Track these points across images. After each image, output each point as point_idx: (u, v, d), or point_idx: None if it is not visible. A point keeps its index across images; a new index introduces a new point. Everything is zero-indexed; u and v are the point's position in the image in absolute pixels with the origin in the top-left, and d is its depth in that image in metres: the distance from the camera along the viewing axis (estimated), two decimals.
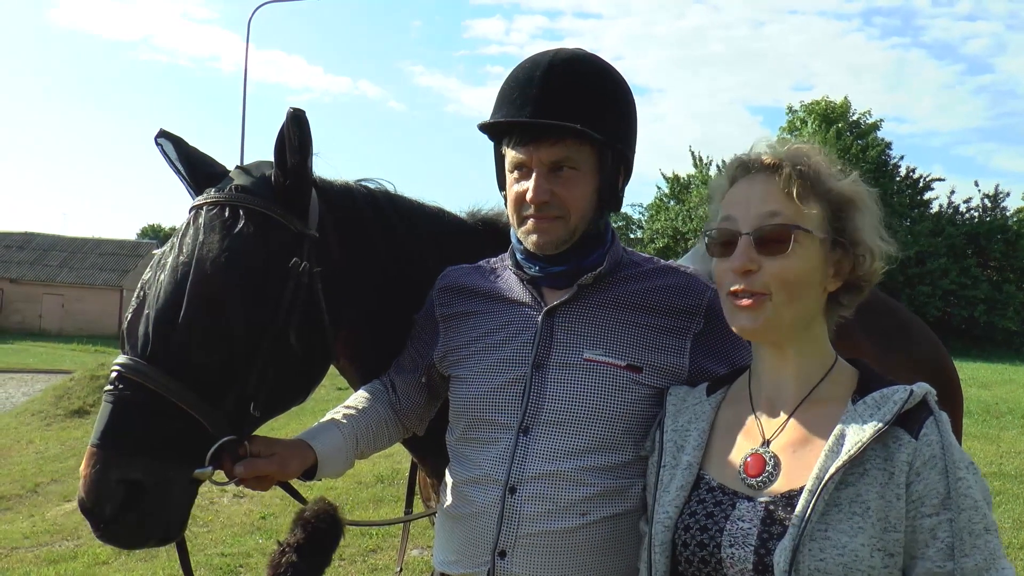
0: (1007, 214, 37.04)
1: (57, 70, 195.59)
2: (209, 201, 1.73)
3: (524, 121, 1.69)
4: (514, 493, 1.65)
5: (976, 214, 37.10)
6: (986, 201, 37.20)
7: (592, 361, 1.70)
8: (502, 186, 1.83)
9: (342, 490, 7.43)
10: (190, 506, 1.69)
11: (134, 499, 1.57)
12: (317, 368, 1.84)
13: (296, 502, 2.05)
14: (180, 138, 1.83)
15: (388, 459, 7.97)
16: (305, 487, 1.99)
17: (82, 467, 1.58)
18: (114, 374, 1.61)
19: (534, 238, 1.73)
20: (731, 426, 1.52)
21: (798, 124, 37.76)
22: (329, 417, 1.86)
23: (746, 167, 1.50)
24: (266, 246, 1.69)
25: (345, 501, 7.25)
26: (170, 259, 1.68)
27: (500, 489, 1.67)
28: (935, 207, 37.40)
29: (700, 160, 38.85)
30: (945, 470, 1.29)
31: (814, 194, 1.43)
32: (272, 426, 1.79)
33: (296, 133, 1.69)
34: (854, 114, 37.17)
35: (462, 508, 1.75)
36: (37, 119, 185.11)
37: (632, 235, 41.11)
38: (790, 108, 39.42)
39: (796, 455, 1.41)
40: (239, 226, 1.68)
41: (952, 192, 38.68)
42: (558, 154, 1.68)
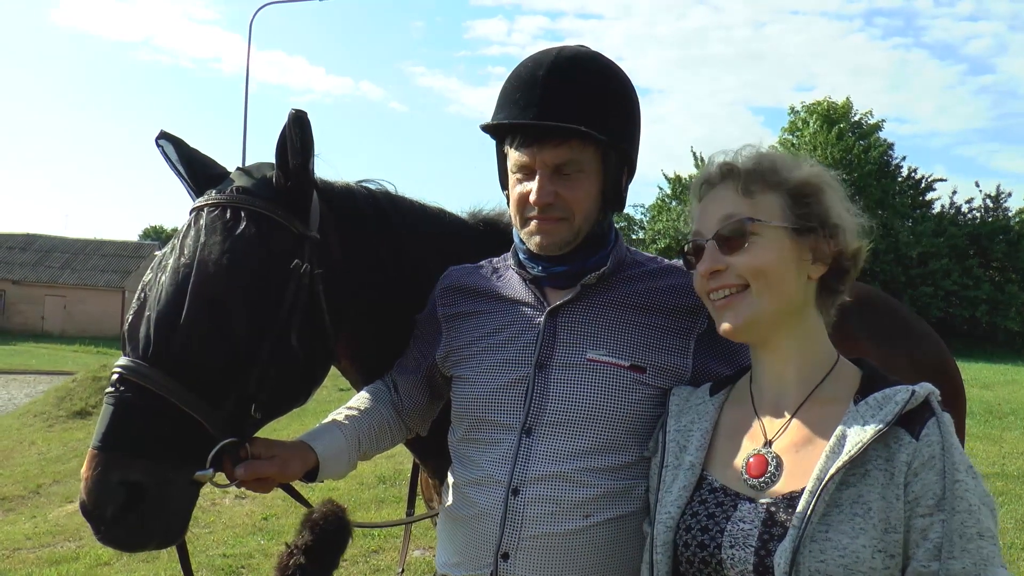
0: (1009, 214, 37.03)
1: (58, 71, 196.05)
2: (210, 203, 1.73)
3: (529, 124, 1.68)
4: (517, 495, 1.65)
5: (978, 215, 37.10)
6: (988, 201, 37.21)
7: (595, 361, 1.69)
8: (504, 185, 1.83)
9: (344, 491, 7.43)
10: (191, 508, 1.69)
11: (135, 501, 1.57)
12: (318, 369, 1.84)
13: (299, 503, 2.05)
14: (181, 139, 1.83)
15: (390, 460, 7.97)
16: (307, 489, 1.98)
17: (83, 469, 1.58)
18: (115, 376, 1.61)
19: (537, 239, 1.73)
20: (734, 427, 1.52)
21: (800, 125, 37.79)
22: (331, 419, 1.86)
23: (708, 182, 1.55)
24: (268, 248, 1.69)
25: (347, 502, 7.24)
26: (171, 261, 1.68)
27: (503, 491, 1.66)
28: (937, 208, 37.41)
29: (702, 160, 38.73)
30: (943, 471, 1.29)
31: (768, 186, 1.48)
32: (274, 427, 1.79)
33: (298, 135, 1.70)
34: (856, 115, 37.19)
35: (464, 510, 1.75)
36: (38, 120, 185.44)
37: (634, 236, 41.07)
38: (792, 109, 39.48)
39: (798, 456, 1.41)
40: (241, 228, 1.68)
41: (954, 193, 38.77)
42: (562, 156, 1.68)
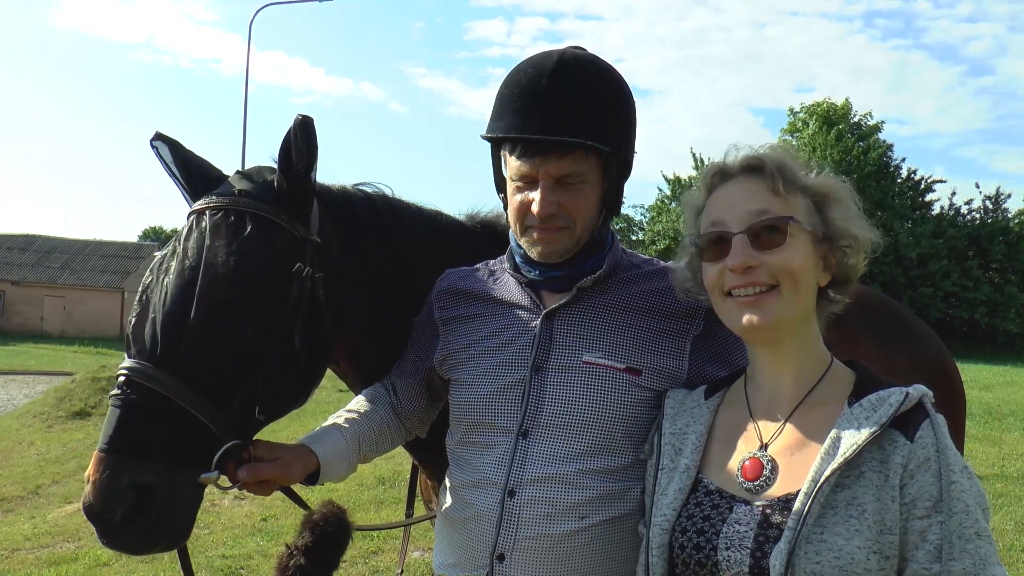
0: (1008, 216, 37.07)
1: (58, 71, 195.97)
2: (212, 206, 1.72)
3: (535, 138, 1.66)
4: (513, 496, 1.65)
5: (978, 216, 37.13)
6: (987, 203, 37.25)
7: (591, 364, 1.69)
8: (500, 188, 1.83)
9: (343, 492, 7.42)
10: (196, 511, 1.69)
11: (144, 504, 1.57)
12: (318, 371, 1.85)
13: (298, 505, 2.05)
14: (176, 141, 1.83)
15: (389, 461, 7.97)
16: (306, 491, 1.98)
17: (89, 472, 1.57)
18: (121, 378, 1.60)
19: (539, 249, 1.72)
20: (729, 429, 1.52)
21: (799, 126, 37.84)
22: (331, 421, 1.86)
23: (724, 173, 1.51)
24: (272, 251, 1.69)
25: (346, 503, 7.21)
26: (174, 263, 1.68)
27: (499, 492, 1.66)
28: (936, 209, 37.44)
29: (702, 162, 38.80)
30: (939, 473, 1.29)
31: (796, 189, 1.46)
32: (273, 428, 1.79)
33: (303, 140, 1.70)
34: (855, 116, 37.23)
35: (461, 511, 1.75)
36: (38, 121, 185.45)
37: (633, 237, 41.12)
38: (791, 110, 39.53)
39: (793, 458, 1.41)
40: (245, 231, 1.68)
41: (953, 194, 38.70)
42: (566, 168, 1.67)
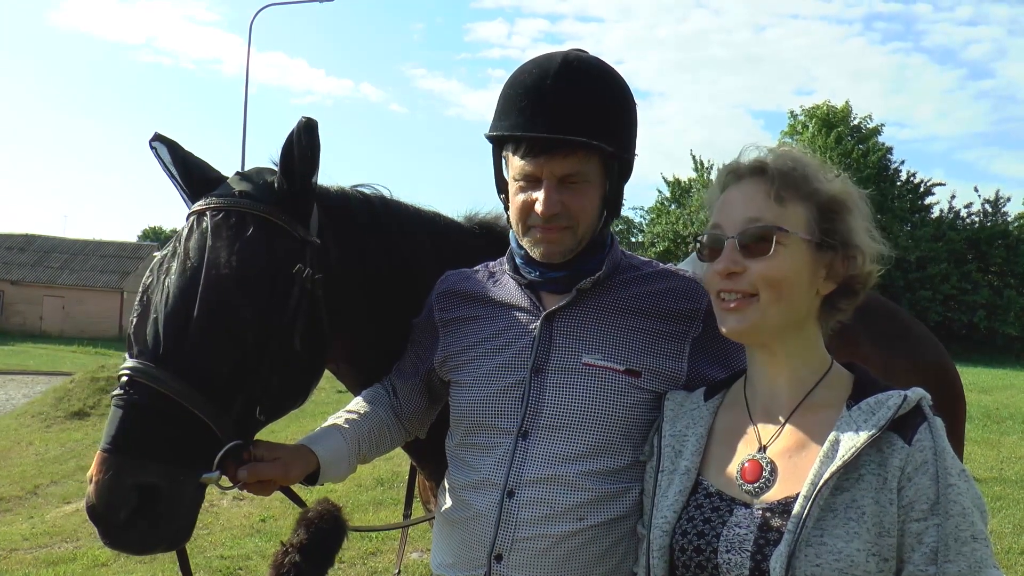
0: (1008, 219, 37.03)
1: (58, 72, 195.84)
2: (213, 207, 1.72)
3: (540, 137, 1.67)
4: (512, 497, 1.66)
5: (977, 219, 37.09)
6: (987, 206, 37.20)
7: (591, 365, 1.70)
8: (501, 189, 1.83)
9: (342, 493, 7.42)
10: (198, 511, 1.69)
11: (148, 504, 1.56)
12: (317, 371, 1.85)
13: (295, 505, 2.05)
14: (175, 142, 1.83)
15: (388, 462, 7.97)
16: (305, 491, 1.98)
17: (92, 472, 1.56)
18: (124, 378, 1.59)
19: (542, 248, 1.73)
20: (728, 431, 1.53)
21: (799, 128, 37.81)
22: (331, 422, 1.86)
23: (735, 174, 1.52)
24: (273, 252, 1.69)
25: (345, 504, 7.20)
26: (175, 264, 1.67)
27: (498, 493, 1.67)
28: (936, 212, 37.40)
29: (701, 164, 38.87)
30: (936, 476, 1.30)
31: (799, 196, 1.45)
32: (273, 428, 1.79)
33: (306, 142, 1.71)
34: (855, 118, 37.20)
35: (460, 512, 1.76)
36: (38, 121, 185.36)
37: (633, 239, 41.12)
38: (791, 112, 39.52)
39: (792, 461, 1.41)
40: (247, 232, 1.68)
41: (953, 197, 38.46)
42: (570, 167, 1.68)
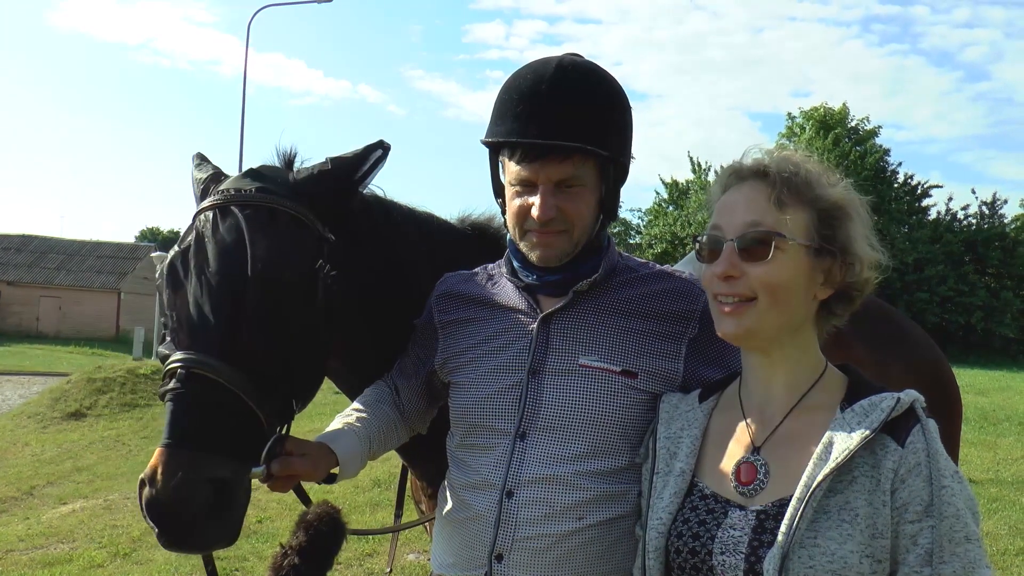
0: (1005, 221, 37.14)
1: (56, 72, 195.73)
2: (241, 201, 1.71)
3: (536, 142, 1.68)
4: (511, 497, 1.67)
5: (974, 221, 37.18)
6: (984, 208, 37.30)
7: (587, 367, 1.71)
8: (498, 194, 1.84)
9: (339, 494, 7.41)
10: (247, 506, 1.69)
11: (220, 499, 1.55)
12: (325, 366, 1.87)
13: (292, 507, 2.06)
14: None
15: (385, 463, 7.97)
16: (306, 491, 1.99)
17: (156, 469, 1.52)
18: (180, 371, 1.56)
19: (538, 252, 1.74)
20: (723, 433, 1.53)
21: (796, 130, 37.87)
22: (342, 421, 1.88)
23: (738, 175, 1.52)
24: (306, 248, 1.72)
25: (342, 505, 7.18)
26: (211, 256, 1.64)
27: (497, 493, 1.68)
28: (933, 214, 37.52)
29: (699, 166, 38.96)
30: (930, 478, 1.30)
31: (800, 201, 1.45)
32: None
33: (380, 162, 1.82)
34: (852, 120, 37.29)
35: (460, 512, 1.77)
36: (36, 121, 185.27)
37: (631, 240, 41.17)
38: (789, 115, 39.59)
39: (786, 463, 1.42)
40: (282, 227, 1.70)
41: (950, 199, 38.54)
42: (565, 172, 1.69)
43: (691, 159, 39.49)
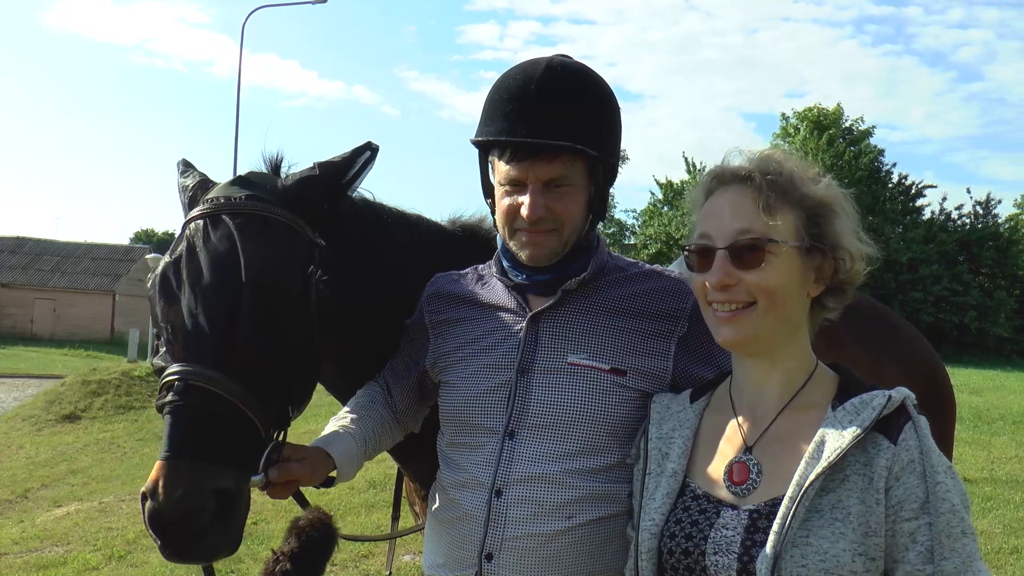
0: (999, 221, 37.32)
1: (50, 73, 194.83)
2: (232, 209, 1.71)
3: (525, 142, 1.69)
4: (500, 496, 1.67)
5: (968, 221, 37.34)
6: (978, 208, 37.48)
7: (576, 365, 1.71)
8: (487, 194, 1.85)
9: (335, 495, 7.41)
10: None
11: (224, 509, 1.55)
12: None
13: (288, 509, 2.06)
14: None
15: (380, 465, 7.96)
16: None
17: (157, 481, 1.51)
18: (178, 383, 1.55)
19: (528, 252, 1.75)
20: (715, 433, 1.53)
21: (791, 131, 37.98)
22: (337, 424, 1.88)
23: (720, 179, 1.51)
24: (298, 255, 1.72)
25: (338, 507, 7.24)
26: (204, 266, 1.64)
27: (486, 492, 1.68)
28: (927, 214, 37.67)
29: (694, 166, 39.01)
30: (924, 474, 1.31)
31: (787, 202, 1.45)
32: None
33: (368, 164, 1.81)
34: (847, 121, 37.42)
35: (450, 512, 1.77)
36: (29, 122, 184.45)
37: (625, 241, 41.24)
38: (783, 115, 39.70)
39: (779, 462, 1.42)
40: (275, 235, 1.70)
41: (944, 199, 38.79)
42: (555, 172, 1.70)
43: (686, 160, 39.63)
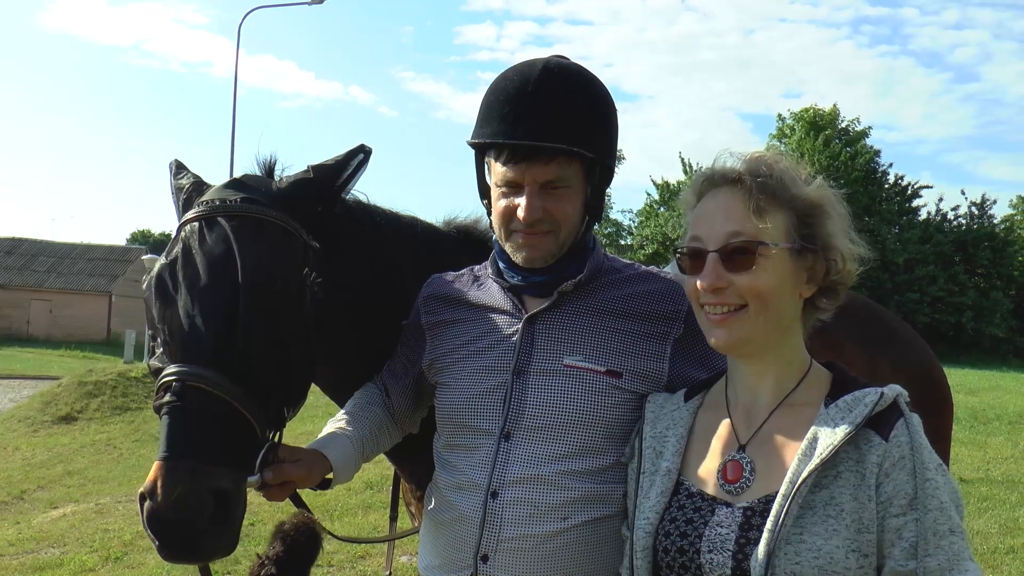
0: (994, 221, 37.39)
1: (46, 74, 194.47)
2: (227, 211, 1.72)
3: (522, 144, 1.69)
4: (496, 498, 1.67)
5: (964, 221, 37.42)
6: (973, 208, 37.55)
7: (572, 367, 1.71)
8: (484, 195, 1.85)
9: (331, 496, 7.40)
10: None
11: (221, 509, 1.55)
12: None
13: (284, 510, 2.06)
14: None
15: (377, 466, 7.95)
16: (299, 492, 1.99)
17: (156, 482, 1.52)
18: (176, 384, 1.56)
19: (524, 253, 1.75)
20: (709, 432, 1.54)
21: (787, 131, 38.03)
22: (334, 426, 1.88)
23: (711, 182, 1.52)
24: (293, 256, 1.72)
25: (334, 507, 7.24)
26: (201, 268, 1.65)
27: (482, 494, 1.68)
28: (923, 214, 37.73)
29: (690, 167, 39.00)
30: (914, 471, 1.31)
31: (778, 204, 1.45)
32: None
33: (361, 166, 1.82)
34: (843, 121, 37.46)
35: (445, 513, 1.77)
36: (26, 123, 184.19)
37: (622, 241, 41.26)
38: (780, 116, 39.73)
39: (772, 460, 1.42)
40: (271, 237, 1.71)
41: (940, 199, 38.92)
42: (551, 173, 1.70)
43: (682, 160, 39.64)
